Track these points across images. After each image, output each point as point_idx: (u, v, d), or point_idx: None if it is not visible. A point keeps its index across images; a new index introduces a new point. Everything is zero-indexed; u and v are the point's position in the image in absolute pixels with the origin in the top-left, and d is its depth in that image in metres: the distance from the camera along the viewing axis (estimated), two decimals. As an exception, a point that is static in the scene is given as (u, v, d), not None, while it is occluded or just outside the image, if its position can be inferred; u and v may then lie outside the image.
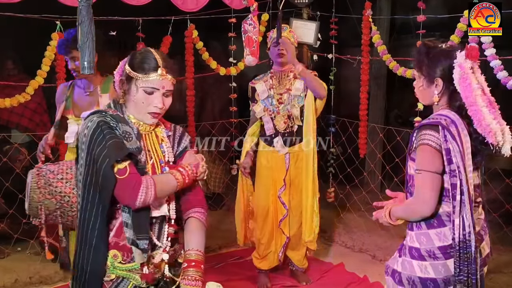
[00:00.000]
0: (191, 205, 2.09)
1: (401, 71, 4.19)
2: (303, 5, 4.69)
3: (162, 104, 1.98)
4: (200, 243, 2.06)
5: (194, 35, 4.37)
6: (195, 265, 2.00)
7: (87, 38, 1.91)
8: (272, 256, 3.94)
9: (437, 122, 2.02)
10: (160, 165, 2.03)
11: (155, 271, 2.00)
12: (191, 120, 4.52)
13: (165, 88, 1.98)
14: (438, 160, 2.01)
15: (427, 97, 2.18)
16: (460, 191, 1.98)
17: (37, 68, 3.83)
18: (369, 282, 4.03)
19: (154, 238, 2.01)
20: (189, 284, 1.97)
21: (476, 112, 2.00)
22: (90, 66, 1.94)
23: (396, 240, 4.78)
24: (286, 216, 3.87)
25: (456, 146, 1.98)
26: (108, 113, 1.96)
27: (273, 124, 3.78)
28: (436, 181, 2.02)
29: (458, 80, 2.02)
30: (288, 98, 3.75)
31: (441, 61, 2.08)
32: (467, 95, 2.01)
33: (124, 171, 1.87)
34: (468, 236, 1.97)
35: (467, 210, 1.98)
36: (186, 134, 2.17)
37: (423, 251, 2.08)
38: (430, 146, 2.01)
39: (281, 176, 3.84)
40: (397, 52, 5.05)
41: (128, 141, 1.93)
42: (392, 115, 6.92)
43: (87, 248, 1.92)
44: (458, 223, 1.99)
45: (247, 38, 3.47)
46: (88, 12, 1.92)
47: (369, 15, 4.49)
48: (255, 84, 3.86)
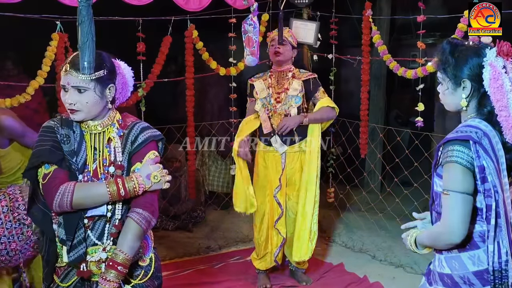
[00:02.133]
0: (134, 205, 2.05)
1: (401, 71, 4.18)
2: (303, 5, 4.69)
3: (71, 100, 1.98)
4: (128, 245, 1.99)
5: (194, 35, 4.37)
6: (115, 267, 1.96)
7: (87, 38, 1.91)
8: (269, 256, 3.93)
9: (467, 136, 1.77)
10: (103, 165, 2.05)
11: (98, 268, 2.05)
12: (190, 120, 4.52)
13: (70, 84, 1.98)
14: (469, 180, 1.76)
15: (453, 102, 1.91)
16: (495, 213, 1.75)
17: (38, 69, 3.83)
18: (369, 282, 4.03)
19: (93, 236, 2.04)
20: (103, 284, 1.95)
21: (506, 118, 1.77)
22: (90, 66, 1.94)
23: (396, 240, 4.78)
24: (281, 216, 3.86)
25: (491, 162, 1.75)
26: (59, 117, 2.09)
27: (271, 122, 3.78)
28: (467, 203, 1.76)
29: (489, 81, 1.79)
30: (285, 98, 3.76)
31: (469, 60, 1.84)
32: (499, 98, 1.77)
33: (46, 176, 1.97)
34: (505, 265, 1.75)
35: (503, 235, 1.76)
36: (146, 131, 2.10)
37: (457, 277, 1.84)
38: (460, 164, 1.76)
39: (277, 176, 3.84)
40: (397, 52, 5.07)
41: (65, 144, 2.02)
42: (392, 115, 6.92)
43: (47, 239, 2.09)
44: (492, 250, 1.76)
45: (247, 38, 3.47)
46: (88, 12, 1.91)
47: (369, 15, 4.49)
48: (254, 81, 3.89)
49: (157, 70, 4.33)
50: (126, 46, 4.50)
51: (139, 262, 2.14)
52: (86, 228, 2.03)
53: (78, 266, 2.04)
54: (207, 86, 5.59)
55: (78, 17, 1.92)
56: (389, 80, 6.12)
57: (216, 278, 4.10)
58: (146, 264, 2.15)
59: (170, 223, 5.10)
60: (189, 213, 5.18)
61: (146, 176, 2.02)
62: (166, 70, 5.60)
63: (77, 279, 2.07)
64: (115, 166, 2.05)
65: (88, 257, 2.04)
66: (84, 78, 1.96)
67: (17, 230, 2.82)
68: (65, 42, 3.84)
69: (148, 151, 2.08)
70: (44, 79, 3.85)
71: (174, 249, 4.64)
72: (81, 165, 2.02)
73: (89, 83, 1.97)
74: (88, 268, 2.04)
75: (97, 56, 2.00)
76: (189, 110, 4.52)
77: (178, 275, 4.12)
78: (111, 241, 2.05)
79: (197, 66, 4.56)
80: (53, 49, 3.78)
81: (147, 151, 2.08)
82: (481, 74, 1.82)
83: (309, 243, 3.81)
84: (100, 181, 2.03)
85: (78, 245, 2.01)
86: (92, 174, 2.04)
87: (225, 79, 4.90)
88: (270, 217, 3.89)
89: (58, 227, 2.03)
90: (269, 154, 3.84)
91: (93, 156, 2.05)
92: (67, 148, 2.02)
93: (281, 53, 3.74)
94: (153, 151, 2.09)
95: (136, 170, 2.05)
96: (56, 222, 2.06)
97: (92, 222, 2.04)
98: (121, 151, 2.07)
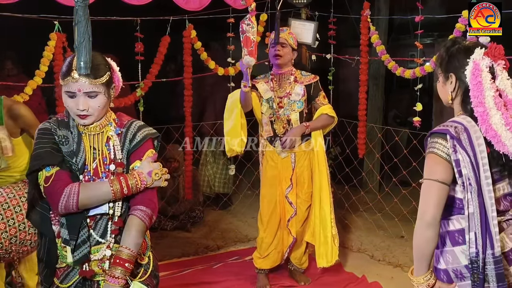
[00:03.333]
0: (135, 203, 2.08)
1: (400, 71, 4.19)
2: (302, 5, 4.68)
3: (84, 107, 1.98)
4: (133, 242, 2.01)
5: (192, 35, 4.37)
6: (121, 263, 1.98)
7: (84, 38, 1.91)
8: (275, 255, 3.91)
9: (445, 130, 1.87)
10: (103, 163, 2.06)
11: (99, 267, 2.06)
12: (188, 120, 4.52)
13: (82, 90, 1.97)
14: (445, 170, 1.86)
15: (443, 96, 2.03)
16: (472, 205, 1.82)
17: (36, 68, 3.82)
18: (368, 282, 4.03)
19: (96, 235, 2.06)
20: (111, 282, 1.96)
21: (481, 114, 1.85)
22: (86, 66, 1.94)
23: (394, 240, 4.79)
24: (294, 216, 3.86)
25: (467, 156, 1.82)
26: (55, 118, 2.09)
27: (272, 128, 3.78)
28: (440, 190, 1.85)
29: (470, 76, 1.88)
30: (288, 103, 3.76)
31: (458, 56, 1.95)
32: (476, 94, 1.86)
33: (49, 178, 1.97)
34: (475, 256, 1.82)
35: (477, 226, 1.82)
36: (143, 129, 2.13)
37: (451, 271, 1.92)
38: (436, 155, 1.87)
39: (288, 176, 3.84)
40: (395, 52, 5.07)
41: (64, 145, 2.03)
42: (390, 115, 6.93)
43: (46, 240, 2.10)
44: (468, 240, 1.84)
45: (245, 38, 3.46)
46: (84, 12, 1.91)
47: (367, 15, 4.49)
48: (256, 83, 3.84)
49: (155, 70, 4.33)
50: (124, 46, 4.51)
51: (138, 260, 2.15)
52: (89, 227, 2.05)
53: (81, 266, 2.05)
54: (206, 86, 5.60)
55: (74, 17, 1.92)
56: (388, 80, 6.13)
57: (215, 278, 4.10)
58: (145, 262, 2.17)
59: (168, 223, 5.10)
60: (187, 213, 5.18)
61: (148, 173, 2.06)
62: (165, 70, 5.61)
63: (78, 280, 2.07)
64: (116, 164, 2.07)
65: (92, 256, 2.05)
66: (95, 83, 1.98)
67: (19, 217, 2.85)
68: (63, 42, 3.84)
69: (147, 149, 2.12)
70: (42, 79, 3.84)
71: (173, 249, 4.64)
72: (81, 166, 2.03)
73: (100, 87, 2.00)
74: (90, 267, 2.05)
75: (101, 58, 2.03)
76: (187, 110, 4.52)
77: (176, 275, 4.12)
78: (113, 238, 2.07)
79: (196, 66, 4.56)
80: (51, 49, 3.78)
81: (146, 149, 2.11)
82: (465, 70, 1.91)
83: (333, 247, 3.80)
84: (101, 179, 2.04)
85: (82, 244, 2.02)
86: (92, 173, 2.05)
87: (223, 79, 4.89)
88: (283, 217, 3.88)
89: (60, 228, 2.04)
90: (275, 154, 3.84)
91: (93, 155, 2.07)
92: (66, 149, 2.03)
93: (281, 56, 3.72)
94: (151, 150, 2.13)
95: (136, 167, 2.08)
96: (56, 223, 2.07)
97: (94, 221, 2.06)
98: (120, 149, 2.09)
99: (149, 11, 4.04)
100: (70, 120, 2.07)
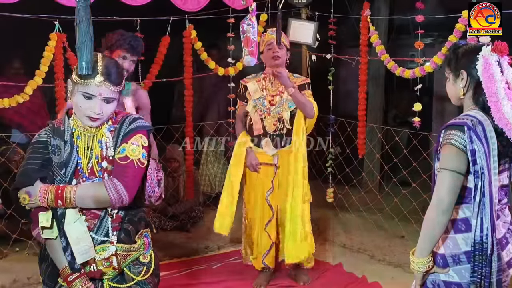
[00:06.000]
0: (112, 175, 2.03)
1: (399, 71, 4.19)
2: (302, 5, 4.69)
3: (100, 110, 1.98)
4: (81, 192, 1.98)
5: (192, 35, 4.37)
6: (58, 194, 1.98)
7: (85, 38, 1.91)
8: (260, 258, 3.89)
9: (463, 122, 1.99)
10: (96, 161, 2.06)
11: (106, 265, 2.06)
12: (188, 120, 4.52)
13: (103, 95, 1.97)
14: (461, 160, 1.97)
15: (454, 92, 2.14)
16: (480, 193, 1.96)
17: (36, 68, 3.82)
18: (368, 282, 4.03)
19: (99, 235, 2.05)
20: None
21: (495, 103, 1.97)
22: (88, 66, 1.93)
23: (394, 240, 4.79)
24: (272, 219, 3.82)
25: (482, 147, 1.95)
26: (52, 125, 2.08)
27: (263, 125, 3.77)
28: (456, 179, 1.97)
29: (481, 70, 2.01)
30: (280, 101, 3.75)
31: (467, 54, 2.08)
32: (489, 85, 1.99)
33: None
34: (486, 238, 1.95)
35: (486, 211, 1.96)
36: (136, 121, 2.09)
37: (448, 256, 2.05)
38: (454, 146, 1.97)
39: (269, 178, 3.81)
40: (395, 52, 5.07)
41: (56, 155, 2.02)
42: (390, 115, 6.93)
43: None
44: (475, 225, 1.97)
45: (245, 38, 3.46)
46: (86, 12, 1.91)
47: (367, 15, 4.50)
48: (246, 82, 3.84)
49: (155, 70, 4.33)
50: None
51: (140, 259, 2.15)
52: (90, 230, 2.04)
53: (88, 267, 2.05)
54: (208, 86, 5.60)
55: (76, 17, 1.92)
56: (388, 80, 6.13)
57: (215, 278, 4.10)
58: (147, 261, 2.17)
59: (168, 223, 5.10)
60: (187, 213, 5.18)
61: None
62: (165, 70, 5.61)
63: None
64: (108, 160, 2.05)
65: (97, 256, 2.04)
66: (116, 90, 2.00)
67: None
68: (63, 42, 3.84)
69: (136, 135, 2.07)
70: (42, 79, 3.84)
71: (173, 249, 4.64)
72: (69, 178, 2.02)
73: (116, 94, 2.01)
74: (97, 268, 2.05)
75: (118, 63, 2.05)
76: (187, 110, 4.52)
77: (176, 275, 4.12)
78: (115, 235, 2.06)
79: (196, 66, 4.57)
80: (51, 49, 3.78)
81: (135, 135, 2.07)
82: (475, 66, 2.04)
83: (301, 243, 3.75)
84: (99, 179, 2.03)
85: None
86: (88, 173, 2.04)
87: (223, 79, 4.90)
88: (261, 220, 3.85)
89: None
90: (261, 156, 3.79)
91: (89, 156, 2.06)
92: (57, 160, 2.02)
93: (280, 57, 3.72)
94: (140, 134, 2.07)
95: (122, 151, 2.03)
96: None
97: (98, 220, 2.05)
98: (112, 146, 2.06)
99: (150, 11, 4.04)
100: (65, 129, 2.06)
